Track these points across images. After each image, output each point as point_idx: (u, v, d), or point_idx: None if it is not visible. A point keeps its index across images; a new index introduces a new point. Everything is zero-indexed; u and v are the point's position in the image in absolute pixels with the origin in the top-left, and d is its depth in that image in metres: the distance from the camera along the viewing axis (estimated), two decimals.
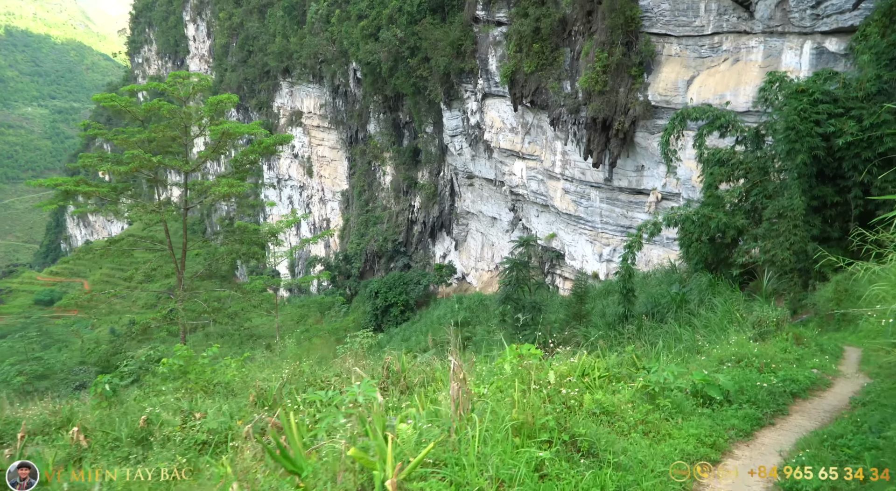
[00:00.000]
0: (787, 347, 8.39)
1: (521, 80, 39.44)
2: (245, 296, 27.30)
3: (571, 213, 39.75)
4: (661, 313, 21.37)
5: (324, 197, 77.18)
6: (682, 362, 7.72)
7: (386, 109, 61.77)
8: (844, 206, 18.29)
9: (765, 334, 9.10)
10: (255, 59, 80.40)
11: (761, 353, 7.75)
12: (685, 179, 32.76)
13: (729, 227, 21.62)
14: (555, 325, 21.57)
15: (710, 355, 7.97)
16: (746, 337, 8.97)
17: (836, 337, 13.17)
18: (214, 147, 24.03)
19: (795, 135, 17.14)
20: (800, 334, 9.32)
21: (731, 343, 8.61)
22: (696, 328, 14.23)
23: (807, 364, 7.89)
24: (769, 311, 9.63)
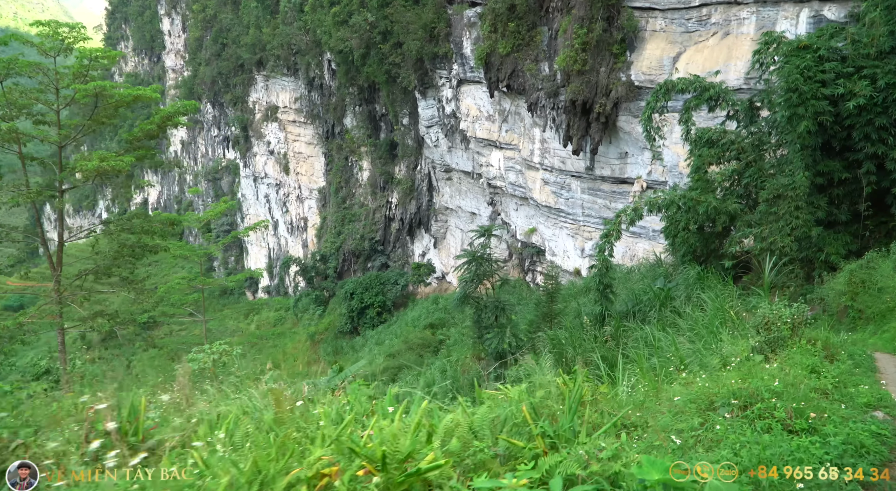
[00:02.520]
0: (814, 364, 5.62)
1: (497, 62, 36.71)
2: (139, 297, 24.17)
3: (551, 206, 37.05)
4: (643, 312, 18.67)
5: (301, 195, 74.28)
6: (650, 398, 5.01)
7: (361, 101, 58.98)
8: (854, 184, 15.62)
9: (776, 342, 6.41)
10: (229, 52, 77.45)
11: (780, 381, 4.97)
12: (672, 166, 30.12)
13: (720, 213, 18.91)
14: (521, 327, 18.81)
15: (689, 388, 5.11)
16: (749, 346, 6.27)
17: (856, 339, 10.44)
18: (90, 114, 20.84)
19: (798, 98, 14.44)
20: (827, 342, 6.62)
21: (730, 360, 5.88)
22: (681, 331, 11.49)
23: (855, 398, 5.13)
24: (781, 309, 6.91)
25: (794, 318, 6.75)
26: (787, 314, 6.79)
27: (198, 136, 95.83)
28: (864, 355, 7.74)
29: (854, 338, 11.58)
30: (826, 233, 15.79)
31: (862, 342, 11.08)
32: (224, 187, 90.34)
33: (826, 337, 6.85)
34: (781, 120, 15.40)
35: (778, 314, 6.79)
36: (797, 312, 6.86)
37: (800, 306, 7.10)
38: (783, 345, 6.37)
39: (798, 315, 6.82)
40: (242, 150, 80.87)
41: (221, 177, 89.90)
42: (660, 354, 8.78)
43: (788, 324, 6.66)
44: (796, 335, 6.56)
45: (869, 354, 8.14)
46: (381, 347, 44.41)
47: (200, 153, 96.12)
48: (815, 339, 6.54)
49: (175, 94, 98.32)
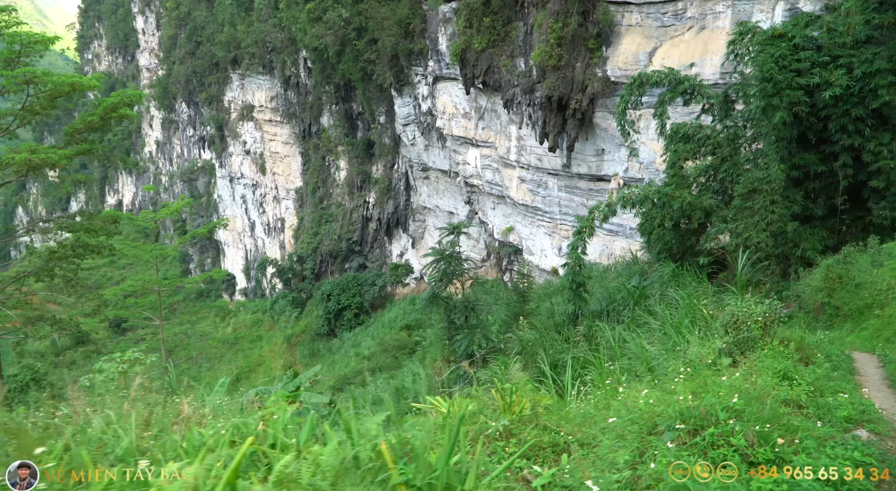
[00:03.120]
0: (787, 368, 4.96)
1: (472, 58, 36.09)
2: (80, 300, 23.14)
3: (528, 204, 36.49)
4: (617, 311, 18.12)
5: (278, 195, 73.15)
6: (600, 411, 4.33)
7: (338, 100, 58.10)
8: (830, 178, 15.16)
9: (746, 343, 5.78)
10: (204, 50, 76.15)
11: (743, 394, 3.97)
12: (648, 162, 29.69)
13: (695, 209, 18.40)
14: (493, 327, 18.16)
15: (629, 408, 4.35)
16: (717, 348, 5.63)
17: (833, 338, 9.90)
18: (23, 103, 19.63)
19: (773, 87, 13.94)
20: (801, 342, 5.99)
21: (693, 364, 5.24)
22: (652, 331, 10.89)
23: (834, 411, 4.48)
24: (751, 306, 6.28)
25: (765, 316, 6.13)
26: (758, 312, 6.17)
27: (173, 137, 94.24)
28: (843, 356, 7.17)
29: (831, 336, 11.06)
30: (802, 228, 15.33)
31: (839, 341, 10.56)
32: (200, 188, 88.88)
33: (801, 337, 6.24)
34: (756, 111, 14.91)
35: (748, 312, 6.18)
36: (769, 310, 6.25)
37: (772, 303, 6.49)
38: (754, 346, 5.76)
39: (770, 313, 6.21)
40: (218, 150, 79.57)
41: (197, 177, 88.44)
42: (624, 356, 8.18)
43: (760, 323, 6.05)
44: (768, 335, 5.95)
45: (847, 355, 7.58)
46: (357, 349, 43.63)
47: (176, 154, 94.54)
48: (788, 339, 5.93)
49: (150, 93, 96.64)
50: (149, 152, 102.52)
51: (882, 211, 14.16)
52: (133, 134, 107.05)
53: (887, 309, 9.84)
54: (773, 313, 6.22)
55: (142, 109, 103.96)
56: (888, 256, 11.15)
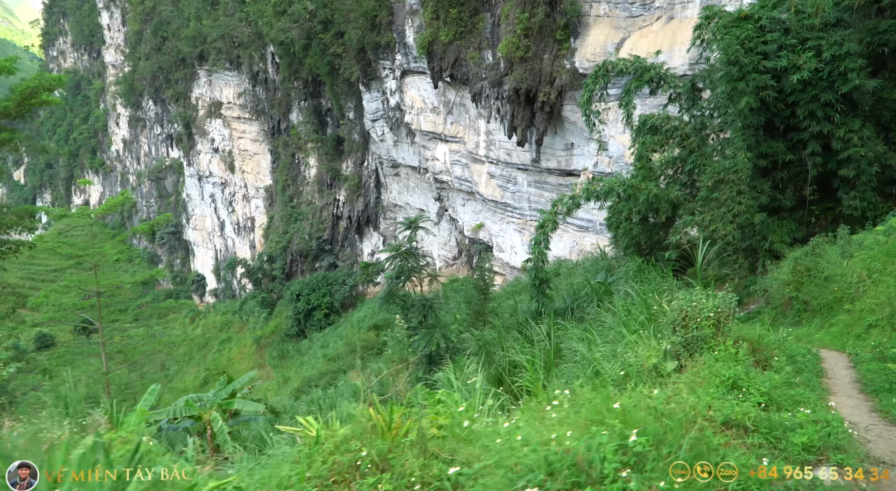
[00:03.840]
0: (737, 375, 4.14)
1: (440, 51, 35.22)
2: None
3: (498, 200, 35.72)
4: (581, 308, 17.37)
5: (247, 194, 71.64)
6: (512, 433, 3.48)
7: (306, 96, 56.90)
8: (799, 167, 14.52)
9: (695, 344, 4.96)
10: (170, 45, 74.35)
11: (661, 417, 3.02)
12: (618, 156, 29.06)
13: (661, 201, 17.69)
14: (452, 327, 17.29)
15: (509, 443, 3.28)
16: (661, 350, 4.81)
17: (801, 334, 9.17)
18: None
19: (738, 71, 13.24)
20: (758, 341, 5.20)
21: (627, 369, 4.40)
22: (607, 329, 10.10)
23: (790, 436, 3.40)
24: (701, 300, 5.45)
25: (718, 311, 5.32)
26: (710, 307, 5.36)
27: (140, 135, 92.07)
28: (809, 356, 6.42)
29: (799, 333, 10.36)
30: (770, 219, 14.67)
31: (808, 338, 9.86)
32: (168, 187, 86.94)
33: (758, 336, 5.44)
34: (721, 96, 14.22)
35: (698, 308, 5.37)
36: (722, 305, 5.44)
37: (726, 296, 5.68)
38: (704, 346, 4.97)
39: (724, 308, 5.40)
40: (186, 148, 77.78)
41: (165, 176, 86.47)
42: (573, 360, 7.38)
43: (711, 320, 5.24)
44: (721, 333, 5.16)
45: (814, 354, 6.84)
46: (326, 350, 42.55)
47: (143, 152, 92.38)
48: (744, 338, 5.14)
49: (115, 90, 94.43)
50: (116, 151, 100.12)
51: (852, 201, 13.53)
52: (99, 132, 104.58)
53: (858, 303, 9.15)
54: (727, 308, 5.42)
55: (108, 107, 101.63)
56: (859, 247, 10.48)
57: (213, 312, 74.54)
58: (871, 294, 8.98)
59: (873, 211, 13.46)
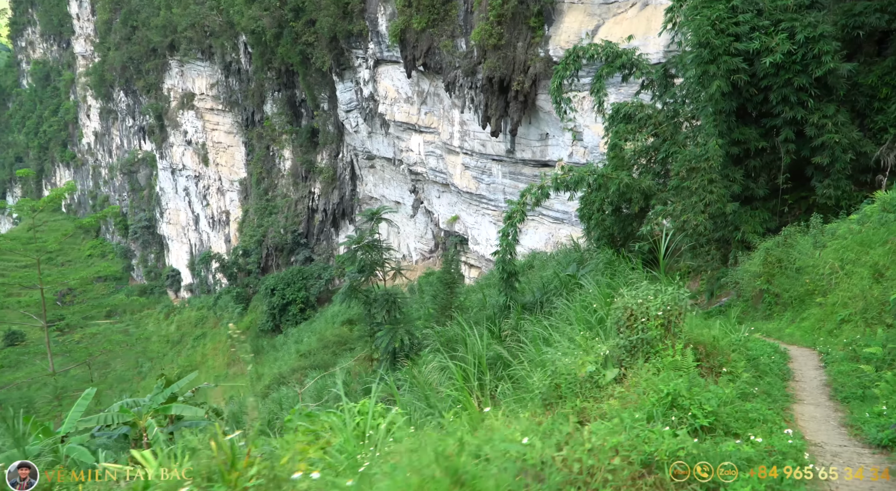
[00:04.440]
0: (677, 392, 3.44)
1: (412, 39, 34.43)
2: None
3: (473, 192, 35.09)
4: (550, 303, 16.79)
5: (221, 187, 70.30)
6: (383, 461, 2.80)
7: (280, 86, 55.75)
8: (772, 155, 14.04)
9: (640, 347, 4.33)
10: (140, 35, 72.62)
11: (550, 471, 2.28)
12: (593, 146, 28.54)
13: (633, 190, 17.18)
14: (418, 322, 16.66)
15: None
16: (602, 354, 4.19)
17: (770, 329, 8.63)
18: None
19: (709, 53, 12.69)
20: (713, 344, 4.58)
21: (558, 379, 3.74)
22: (569, 323, 9.50)
23: (731, 487, 2.77)
24: (649, 296, 4.78)
25: (667, 310, 4.69)
26: (657, 304, 4.71)
27: (112, 127, 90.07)
28: (776, 355, 5.86)
29: (769, 327, 9.86)
30: (743, 209, 14.19)
31: (778, 332, 9.36)
32: (141, 181, 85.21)
33: (712, 337, 4.83)
34: (692, 80, 13.66)
35: (645, 305, 4.73)
36: (672, 301, 4.80)
37: (676, 292, 5.04)
38: (650, 351, 4.36)
39: (675, 304, 4.76)
40: (158, 140, 76.17)
41: (138, 170, 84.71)
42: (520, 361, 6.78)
43: (660, 318, 4.61)
44: (671, 335, 4.54)
45: (782, 352, 6.28)
46: (299, 345, 41.71)
47: (115, 145, 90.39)
48: (696, 341, 4.53)
49: (86, 81, 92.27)
50: (87, 144, 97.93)
51: (826, 190, 13.07)
52: (70, 125, 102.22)
53: (830, 296, 8.64)
54: (678, 306, 4.78)
55: (78, 99, 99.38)
56: (831, 237, 9.99)
57: (189, 307, 73.20)
58: (844, 287, 8.48)
59: (847, 200, 13.03)
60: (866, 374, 5.24)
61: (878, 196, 9.55)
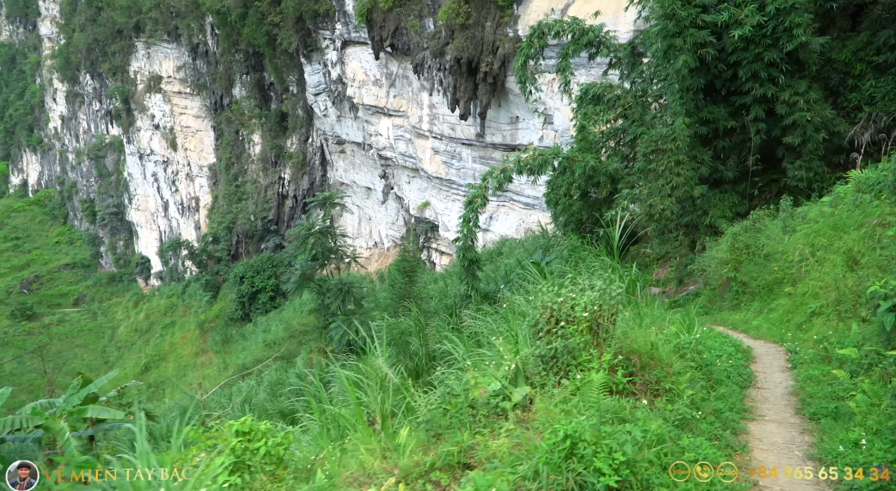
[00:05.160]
0: (578, 435, 2.40)
1: (380, 19, 33.27)
2: None
3: (443, 177, 34.19)
4: (513, 292, 15.99)
5: (191, 172, 68.56)
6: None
7: (248, 69, 54.18)
8: (742, 135, 13.32)
9: (561, 358, 3.49)
10: (105, 16, 70.27)
11: None
12: (563, 130, 27.75)
13: (599, 174, 16.46)
14: (374, 313, 15.79)
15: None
16: (508, 370, 3.33)
17: (737, 320, 7.89)
18: None
19: (675, 26, 11.88)
20: (650, 354, 3.73)
21: (448, 402, 2.95)
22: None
23: None
24: (572, 292, 3.86)
25: (594, 309, 3.80)
26: (583, 304, 3.82)
27: (78, 111, 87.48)
28: (738, 355, 5.09)
29: (736, 318, 9.15)
30: (711, 193, 13.48)
31: (744, 324, 8.64)
32: (109, 166, 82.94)
33: (650, 345, 3.97)
34: (657, 54, 12.86)
35: (567, 304, 3.86)
36: (602, 300, 3.91)
37: (607, 287, 4.15)
38: (573, 363, 3.51)
39: (606, 304, 3.88)
40: (125, 124, 74.06)
41: (105, 154, 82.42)
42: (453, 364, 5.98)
43: (586, 321, 3.73)
44: (600, 342, 3.70)
45: (745, 350, 5.52)
46: (266, 335, 40.71)
47: (82, 129, 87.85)
48: (629, 350, 3.69)
49: (51, 64, 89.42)
50: (54, 128, 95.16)
51: (798, 171, 12.39)
52: (36, 109, 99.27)
53: (800, 285, 7.91)
54: (610, 304, 3.91)
55: (44, 82, 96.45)
56: (802, 220, 9.26)
57: (158, 295, 71.63)
58: (815, 276, 7.76)
59: (820, 182, 12.35)
60: (839, 381, 4.51)
61: (851, 175, 8.83)
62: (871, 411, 3.75)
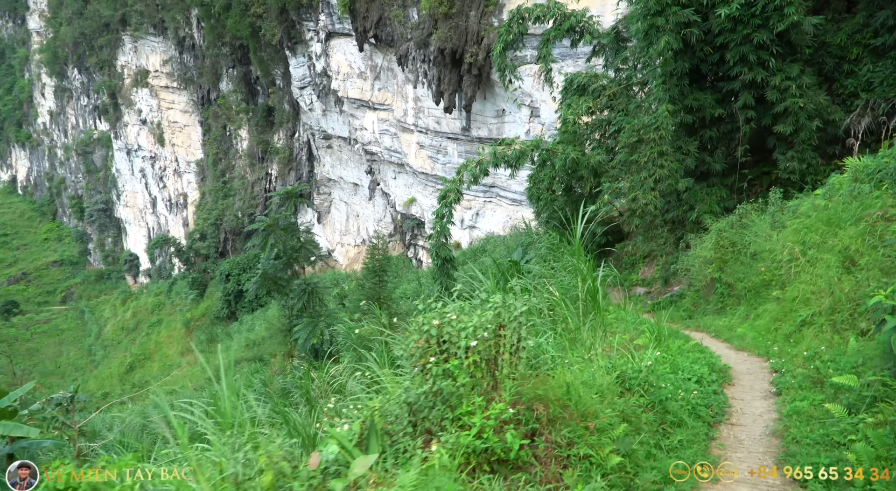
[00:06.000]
0: None
1: (363, 9, 32.27)
2: None
3: (428, 172, 33.22)
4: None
5: (178, 168, 67.51)
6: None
7: (235, 63, 53.11)
8: (730, 124, 12.38)
9: (435, 408, 2.49)
10: (92, 9, 69.10)
11: None
12: (550, 123, 26.78)
13: (581, 166, 15.51)
14: (343, 315, 14.84)
15: None
16: (364, 425, 2.39)
17: (720, 327, 6.94)
18: None
19: (656, 3, 10.92)
20: (563, 399, 2.70)
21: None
22: None
23: None
24: (459, 311, 2.81)
25: (484, 337, 2.66)
26: (470, 328, 2.71)
27: (67, 106, 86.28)
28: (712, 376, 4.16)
29: (720, 324, 8.21)
30: (698, 186, 12.56)
31: (728, 332, 7.71)
32: (97, 162, 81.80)
33: (565, 386, 2.93)
34: (638, 36, 11.91)
35: (452, 328, 2.78)
36: (500, 321, 2.84)
37: (509, 303, 3.07)
38: (451, 416, 2.51)
39: (508, 327, 2.79)
40: (112, 119, 72.95)
41: (93, 150, 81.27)
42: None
43: (474, 352, 2.61)
44: (497, 382, 2.66)
45: (722, 369, 4.57)
46: (249, 334, 39.74)
47: (71, 125, 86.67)
48: (535, 395, 2.68)
49: (40, 59, 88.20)
50: (42, 123, 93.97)
51: (790, 163, 11.45)
52: (24, 104, 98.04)
53: (789, 289, 6.98)
54: (512, 328, 2.83)
55: (33, 77, 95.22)
56: (792, 215, 8.32)
57: (146, 293, 70.61)
58: (806, 278, 6.82)
59: (813, 174, 11.42)
60: (834, 419, 3.60)
61: (848, 163, 7.87)
62: (874, 464, 2.84)
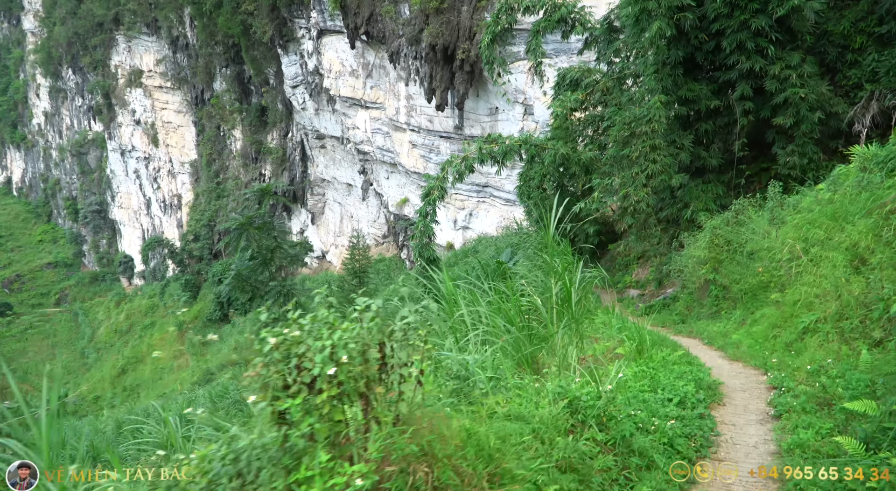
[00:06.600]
0: None
1: (354, 5, 31.62)
2: None
3: (421, 172, 32.53)
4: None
5: (172, 169, 66.86)
6: None
7: (228, 62, 52.46)
8: (727, 117, 11.70)
9: (268, 468, 1.89)
10: (85, 8, 68.56)
11: None
12: (544, 121, 26.10)
13: (571, 162, 14.83)
14: None
15: None
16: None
17: (714, 333, 6.25)
18: None
19: None
20: (456, 457, 2.05)
21: None
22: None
23: None
24: (324, 328, 2.17)
25: (352, 360, 1.93)
26: (328, 349, 1.93)
27: (61, 107, 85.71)
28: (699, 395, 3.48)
29: (713, 330, 7.52)
30: (693, 183, 11.88)
31: (722, 339, 7.02)
32: (91, 163, 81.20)
33: (465, 433, 2.19)
34: (629, 22, 11.22)
35: (314, 349, 2.06)
36: (377, 338, 2.07)
37: (377, 327, 2.22)
38: (298, 467, 1.88)
39: (389, 346, 1.99)
40: (106, 120, 72.35)
41: (88, 151, 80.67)
42: None
43: (332, 384, 1.85)
44: (366, 419, 1.91)
45: (711, 387, 3.89)
46: (240, 337, 39.00)
47: (65, 125, 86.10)
48: (420, 453, 1.96)
49: (34, 59, 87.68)
50: (37, 124, 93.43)
51: (790, 157, 10.77)
52: (19, 104, 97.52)
53: (789, 292, 6.28)
54: (391, 347, 2.04)
55: (28, 77, 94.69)
56: (793, 210, 7.62)
57: (140, 295, 69.95)
58: (809, 279, 6.12)
59: (815, 170, 10.73)
60: (847, 454, 2.93)
61: (855, 152, 7.17)
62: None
